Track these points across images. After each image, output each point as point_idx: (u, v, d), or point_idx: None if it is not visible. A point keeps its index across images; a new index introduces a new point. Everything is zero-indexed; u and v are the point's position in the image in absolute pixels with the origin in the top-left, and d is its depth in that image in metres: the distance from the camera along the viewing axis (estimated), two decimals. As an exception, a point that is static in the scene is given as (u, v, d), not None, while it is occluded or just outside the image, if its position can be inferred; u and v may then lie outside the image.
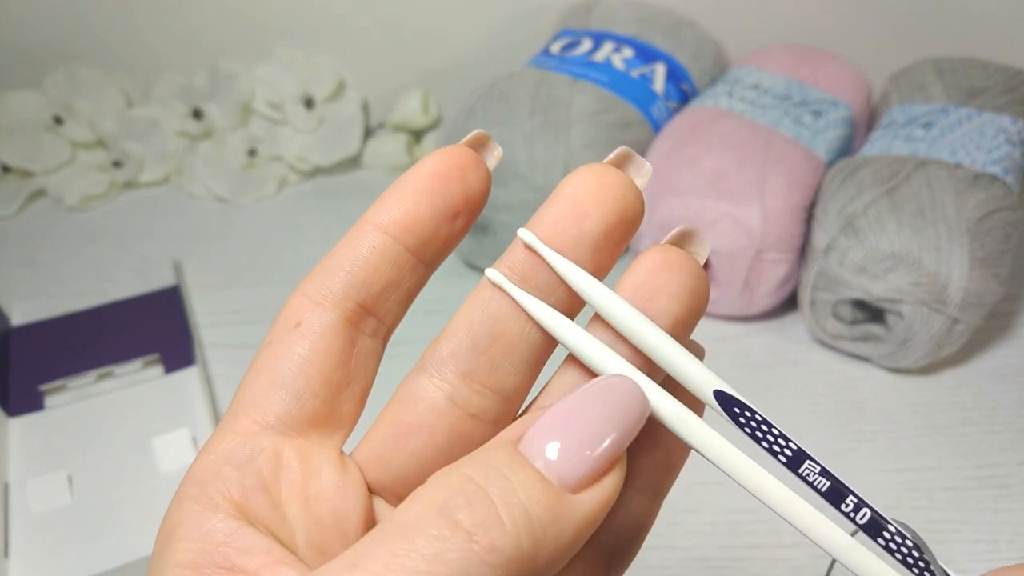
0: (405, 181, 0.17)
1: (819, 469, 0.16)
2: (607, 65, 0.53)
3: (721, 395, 0.16)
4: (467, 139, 0.18)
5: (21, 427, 0.43)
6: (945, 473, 0.41)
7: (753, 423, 0.16)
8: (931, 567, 0.15)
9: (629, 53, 0.55)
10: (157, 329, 0.49)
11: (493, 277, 0.17)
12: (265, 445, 0.16)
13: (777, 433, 0.16)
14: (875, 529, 0.16)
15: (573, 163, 0.49)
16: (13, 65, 0.64)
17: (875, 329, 0.45)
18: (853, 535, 0.16)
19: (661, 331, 0.16)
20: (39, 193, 0.63)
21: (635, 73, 0.54)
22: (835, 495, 0.16)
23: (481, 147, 0.18)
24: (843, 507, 0.16)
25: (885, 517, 0.16)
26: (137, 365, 0.47)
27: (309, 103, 0.63)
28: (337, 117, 0.64)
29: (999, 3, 0.59)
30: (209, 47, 0.64)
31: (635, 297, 0.17)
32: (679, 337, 0.17)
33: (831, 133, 0.50)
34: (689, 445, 0.16)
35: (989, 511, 0.40)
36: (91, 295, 0.52)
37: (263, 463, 0.16)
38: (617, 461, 0.14)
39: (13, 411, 0.44)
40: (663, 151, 0.49)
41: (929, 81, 0.51)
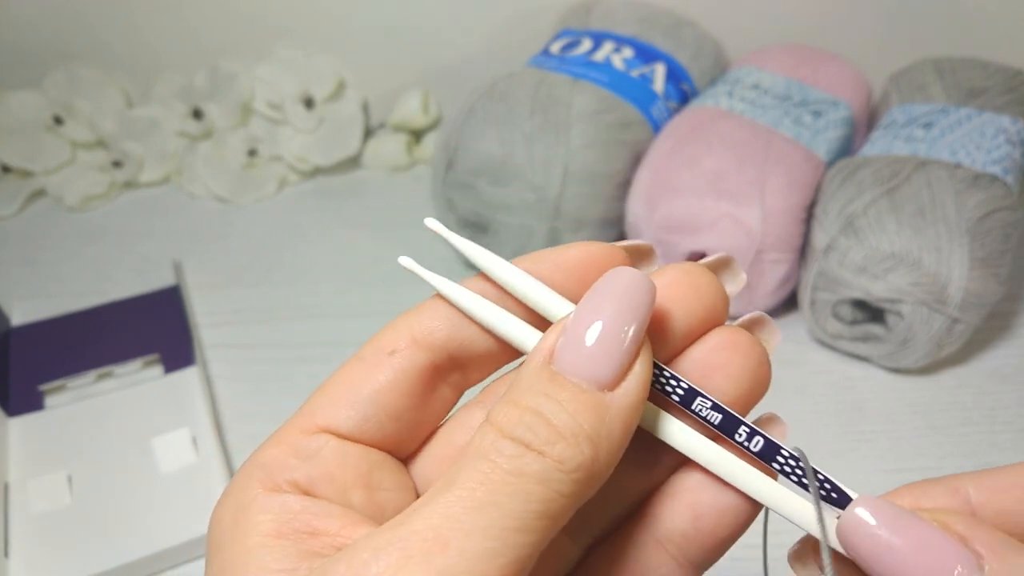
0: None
1: (710, 404, 0.17)
2: (607, 65, 0.53)
3: None
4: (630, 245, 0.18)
5: (21, 427, 0.43)
6: (945, 473, 0.41)
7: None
8: (829, 484, 0.17)
9: (629, 53, 0.55)
10: (157, 329, 0.49)
11: (405, 263, 0.18)
12: (332, 443, 0.17)
13: (669, 374, 0.17)
14: (770, 454, 0.17)
15: (573, 163, 0.49)
16: (13, 65, 0.64)
17: (875, 329, 0.45)
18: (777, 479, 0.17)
19: (548, 290, 0.17)
20: (39, 193, 0.63)
21: (635, 73, 0.54)
22: (728, 426, 0.17)
23: (643, 258, 0.18)
24: (737, 437, 0.17)
25: (777, 442, 0.17)
26: (137, 365, 0.47)
27: (309, 103, 0.63)
28: (337, 117, 0.64)
29: (999, 3, 0.59)
30: (209, 47, 0.64)
31: (692, 371, 0.17)
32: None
33: (831, 133, 0.50)
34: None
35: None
36: (91, 295, 0.52)
37: (328, 456, 0.17)
38: (640, 348, 0.16)
39: (13, 411, 0.44)
40: (663, 151, 0.49)
41: (929, 81, 0.51)
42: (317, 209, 0.61)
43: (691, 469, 0.17)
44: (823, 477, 0.17)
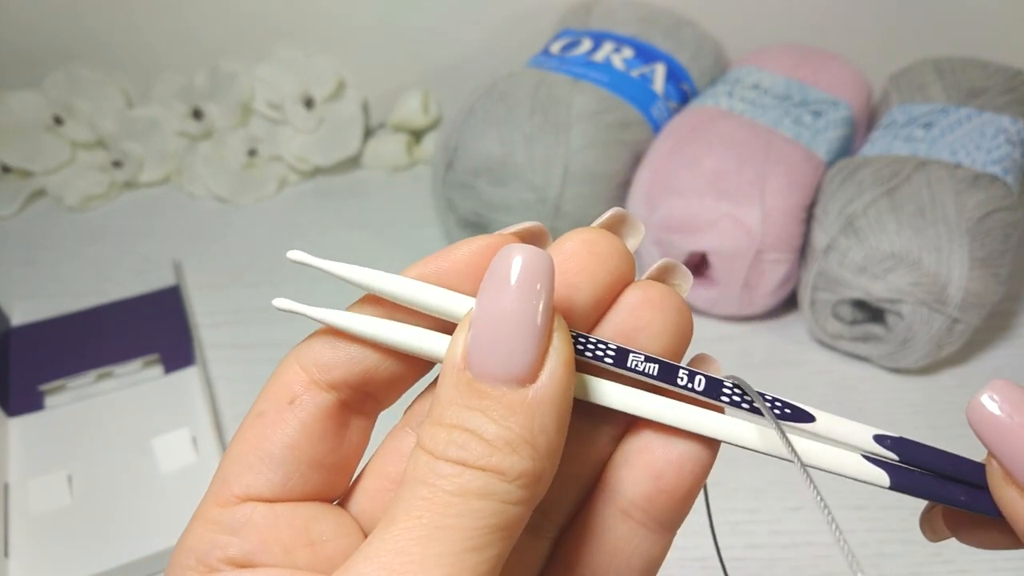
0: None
1: (643, 357, 0.16)
2: (607, 65, 0.53)
3: None
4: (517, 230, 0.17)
5: (21, 427, 0.43)
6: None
7: (577, 345, 0.16)
8: (780, 405, 0.16)
9: (629, 53, 0.55)
10: (157, 329, 0.49)
11: (279, 304, 0.16)
12: (259, 509, 0.16)
13: (595, 340, 0.16)
14: (714, 391, 0.16)
15: (573, 163, 0.49)
16: (13, 65, 0.64)
17: (875, 329, 0.45)
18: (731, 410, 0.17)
19: (445, 292, 0.16)
20: (39, 193, 0.63)
21: (635, 73, 0.54)
22: (667, 374, 0.16)
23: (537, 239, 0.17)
24: (679, 382, 0.16)
25: (718, 377, 0.16)
26: (137, 365, 0.47)
27: (309, 103, 0.63)
28: (337, 117, 0.64)
29: (999, 3, 0.59)
30: (209, 47, 0.64)
31: (616, 337, 0.16)
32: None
33: (831, 133, 0.50)
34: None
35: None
36: (91, 295, 0.52)
37: (259, 523, 0.16)
38: (552, 326, 0.15)
39: (13, 411, 0.44)
40: (663, 151, 0.49)
41: (929, 81, 0.51)
42: (317, 209, 0.61)
43: (638, 431, 0.17)
44: (771, 397, 0.16)
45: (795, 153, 0.48)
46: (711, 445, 0.17)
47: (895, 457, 0.17)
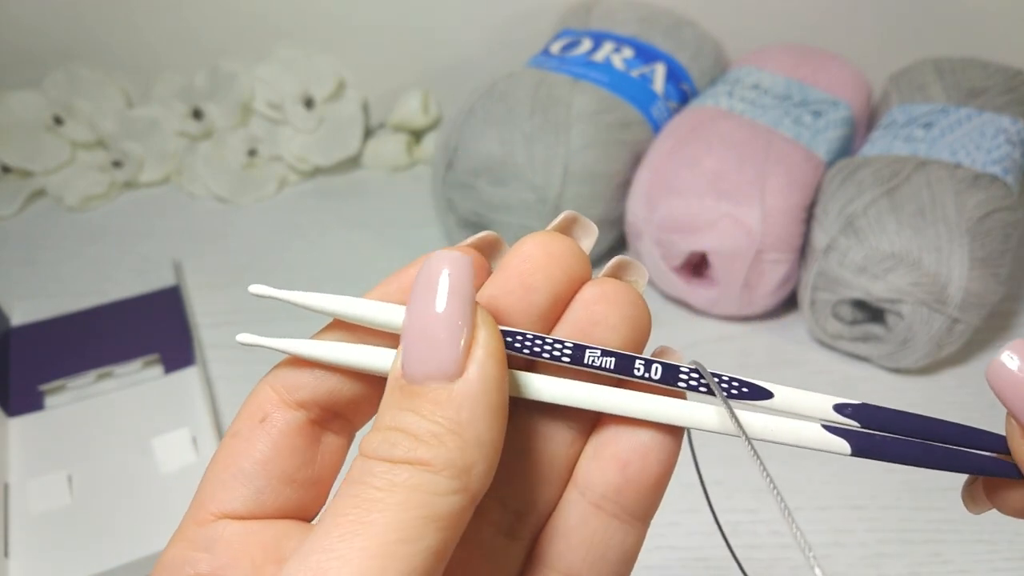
0: None
1: (599, 351, 0.17)
2: (607, 65, 0.53)
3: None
4: (475, 239, 0.18)
5: (21, 427, 0.43)
6: (945, 473, 0.41)
7: (528, 343, 0.17)
8: (740, 387, 0.17)
9: (629, 53, 0.55)
10: (157, 329, 0.49)
11: (243, 339, 0.17)
12: (231, 526, 0.16)
13: (551, 341, 0.17)
14: (672, 377, 0.17)
15: (573, 163, 0.49)
16: (13, 65, 0.64)
17: (875, 329, 0.45)
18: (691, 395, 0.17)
19: (392, 306, 0.17)
20: (39, 193, 0.63)
21: (635, 73, 0.54)
22: (624, 366, 0.17)
23: (491, 249, 0.18)
24: (635, 372, 0.17)
25: (675, 364, 0.17)
26: (137, 365, 0.47)
27: (309, 103, 0.63)
28: (337, 117, 0.64)
29: (999, 3, 0.59)
30: (209, 47, 0.64)
31: (574, 332, 0.17)
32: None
33: (831, 133, 0.50)
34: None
35: (989, 511, 0.40)
36: (91, 295, 0.52)
37: (230, 540, 0.16)
38: (474, 321, 0.15)
39: (13, 411, 0.44)
40: (663, 151, 0.49)
41: (929, 81, 0.51)
42: (317, 209, 0.61)
43: (604, 425, 0.17)
44: (729, 377, 0.17)
45: (795, 153, 0.48)
46: (675, 432, 0.17)
47: (856, 424, 0.17)
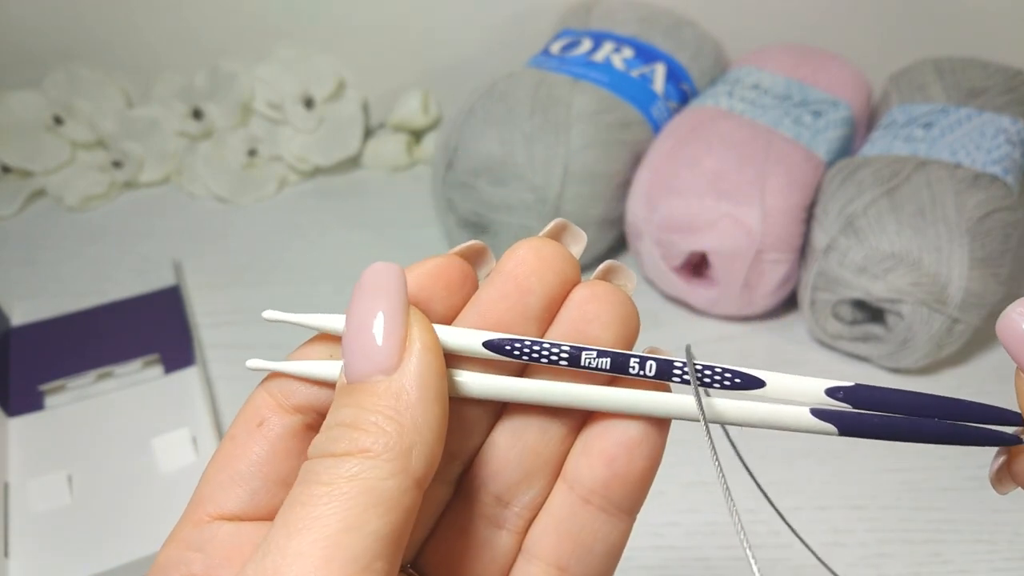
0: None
1: (596, 352, 0.17)
2: (607, 65, 0.53)
3: (488, 343, 0.17)
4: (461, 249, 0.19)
5: (21, 427, 0.43)
6: (945, 473, 0.41)
7: (526, 349, 0.17)
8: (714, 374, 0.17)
9: (629, 53, 0.55)
10: (157, 329, 0.49)
11: (252, 364, 0.18)
12: (225, 527, 0.17)
13: (548, 345, 0.17)
14: (667, 372, 0.17)
15: (573, 163, 0.49)
16: (13, 65, 0.64)
17: (875, 329, 0.45)
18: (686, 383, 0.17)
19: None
20: (39, 193, 0.63)
21: (635, 73, 0.54)
22: (620, 366, 0.17)
23: (477, 258, 0.19)
24: (631, 371, 0.17)
25: (667, 358, 0.17)
26: (137, 365, 0.47)
27: (309, 103, 0.63)
28: (337, 117, 0.64)
29: (999, 3, 0.59)
30: (209, 47, 0.64)
31: (568, 332, 0.18)
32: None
33: (831, 133, 0.50)
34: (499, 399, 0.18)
35: (989, 511, 0.40)
36: (91, 295, 0.52)
37: (223, 540, 0.17)
38: (406, 319, 0.16)
39: (13, 411, 0.44)
40: (663, 151, 0.49)
41: (929, 81, 0.51)
42: (317, 209, 0.61)
43: (593, 421, 0.18)
44: (722, 369, 0.17)
45: (795, 153, 0.48)
46: (660, 427, 0.18)
47: (849, 407, 0.17)
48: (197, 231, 0.60)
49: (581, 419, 0.18)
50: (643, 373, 0.17)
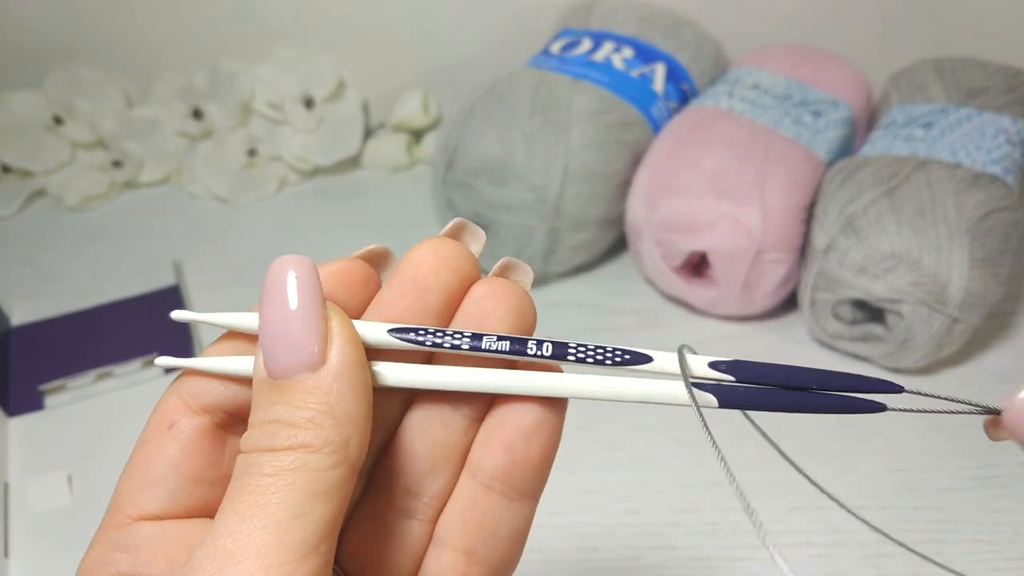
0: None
1: (496, 337, 0.18)
2: (607, 65, 0.53)
3: (393, 331, 0.18)
4: (363, 252, 0.20)
5: (21, 427, 0.43)
6: (945, 473, 0.41)
7: (430, 336, 0.18)
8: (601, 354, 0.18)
9: (629, 53, 0.55)
10: (157, 329, 0.49)
11: (162, 362, 0.19)
12: (147, 527, 0.18)
13: (450, 332, 0.18)
14: (561, 352, 0.18)
15: (573, 163, 0.49)
16: (13, 65, 0.64)
17: (875, 329, 0.45)
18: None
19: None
20: (39, 193, 0.63)
21: (635, 73, 0.54)
22: (518, 347, 0.18)
23: (381, 261, 0.20)
24: (529, 352, 0.18)
25: (564, 341, 0.18)
26: (137, 365, 0.47)
27: (309, 103, 0.63)
28: (337, 117, 0.64)
29: (999, 3, 0.59)
30: (209, 47, 0.64)
31: (468, 324, 0.19)
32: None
33: (831, 133, 0.50)
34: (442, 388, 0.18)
35: (989, 511, 0.40)
36: (91, 295, 0.52)
37: (147, 539, 0.17)
38: (323, 312, 0.17)
39: (13, 411, 0.44)
40: (663, 151, 0.49)
41: (929, 81, 0.51)
42: (317, 209, 0.61)
43: (492, 410, 0.19)
44: (612, 348, 0.18)
45: (795, 153, 0.48)
46: (556, 413, 0.19)
47: (732, 379, 0.18)
48: (197, 231, 0.60)
49: (483, 411, 0.19)
50: (540, 353, 0.18)
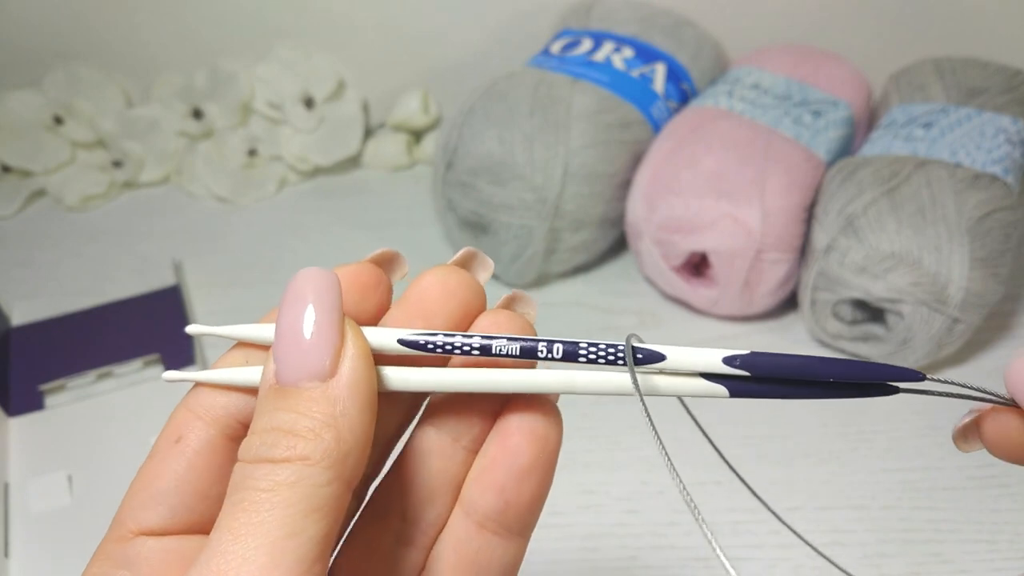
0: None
1: (505, 339, 0.18)
2: (607, 65, 0.53)
3: (403, 340, 0.18)
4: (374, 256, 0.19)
5: (21, 427, 0.43)
6: (945, 473, 0.41)
7: (440, 343, 0.18)
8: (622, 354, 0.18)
9: (629, 53, 0.55)
10: (157, 329, 0.49)
11: (168, 376, 0.19)
12: (150, 542, 0.17)
13: (460, 337, 0.18)
14: (572, 354, 0.18)
15: (573, 163, 0.49)
16: (13, 65, 0.64)
17: (875, 329, 0.45)
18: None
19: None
20: (39, 193, 0.63)
21: (635, 73, 0.54)
22: (530, 352, 0.18)
23: (389, 264, 0.20)
24: (540, 355, 0.18)
25: (575, 341, 0.18)
26: (137, 365, 0.47)
27: (309, 103, 0.63)
28: (337, 117, 0.64)
29: (999, 3, 0.59)
30: (209, 47, 0.64)
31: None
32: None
33: (831, 133, 0.50)
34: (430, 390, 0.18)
35: (989, 511, 0.40)
36: (91, 295, 0.52)
37: (149, 555, 0.17)
38: (341, 326, 0.17)
39: (13, 411, 0.44)
40: (663, 151, 0.49)
41: (929, 81, 0.51)
42: (317, 209, 0.61)
43: (485, 447, 0.19)
44: (624, 346, 0.18)
45: (795, 153, 0.48)
46: (549, 453, 0.18)
47: (747, 374, 0.18)
48: (197, 231, 0.60)
49: (478, 442, 0.19)
50: (552, 355, 0.18)
